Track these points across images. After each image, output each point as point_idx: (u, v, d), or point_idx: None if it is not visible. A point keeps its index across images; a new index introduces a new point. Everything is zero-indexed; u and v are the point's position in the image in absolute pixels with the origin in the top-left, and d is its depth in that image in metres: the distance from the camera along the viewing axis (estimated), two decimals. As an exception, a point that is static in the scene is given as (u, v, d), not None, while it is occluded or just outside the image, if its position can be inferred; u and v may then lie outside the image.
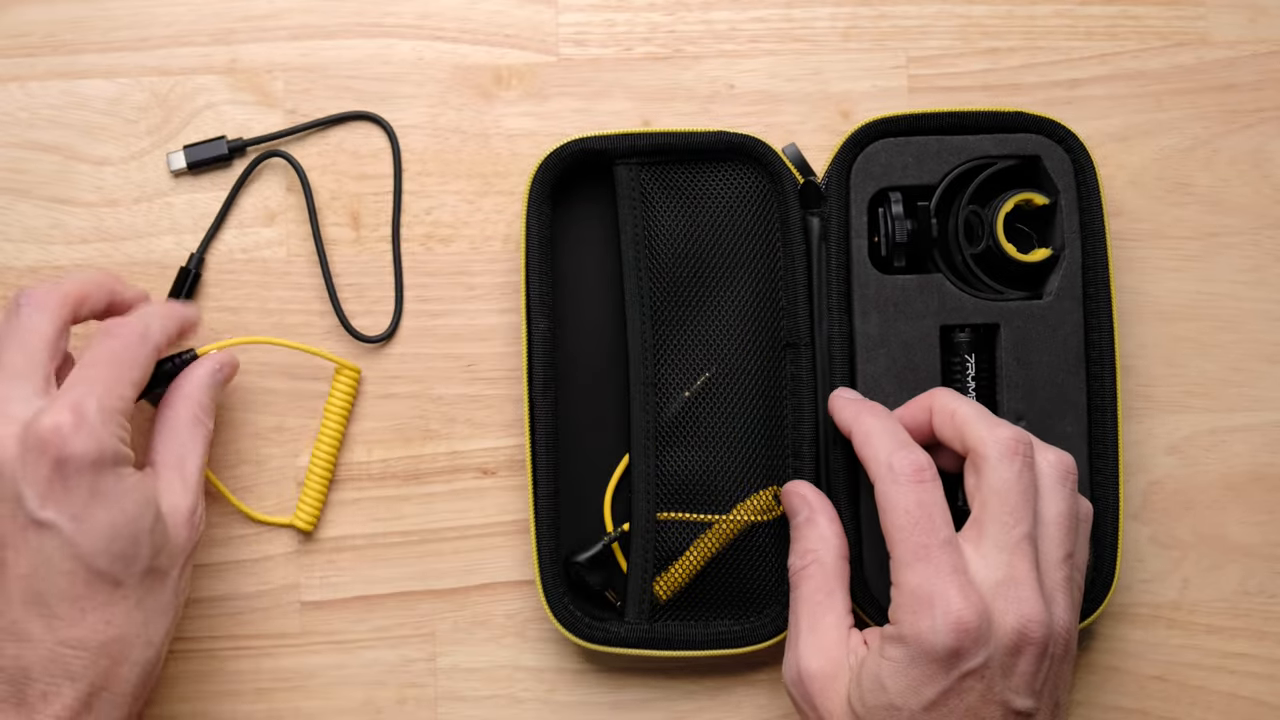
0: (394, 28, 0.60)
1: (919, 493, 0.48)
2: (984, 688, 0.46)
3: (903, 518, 0.48)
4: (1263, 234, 0.60)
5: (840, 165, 0.56)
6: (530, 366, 0.56)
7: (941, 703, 0.46)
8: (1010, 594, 0.47)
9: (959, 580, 0.46)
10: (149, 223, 0.59)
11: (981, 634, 0.46)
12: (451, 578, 0.58)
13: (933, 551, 0.47)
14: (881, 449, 0.50)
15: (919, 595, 0.47)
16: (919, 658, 0.46)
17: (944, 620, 0.46)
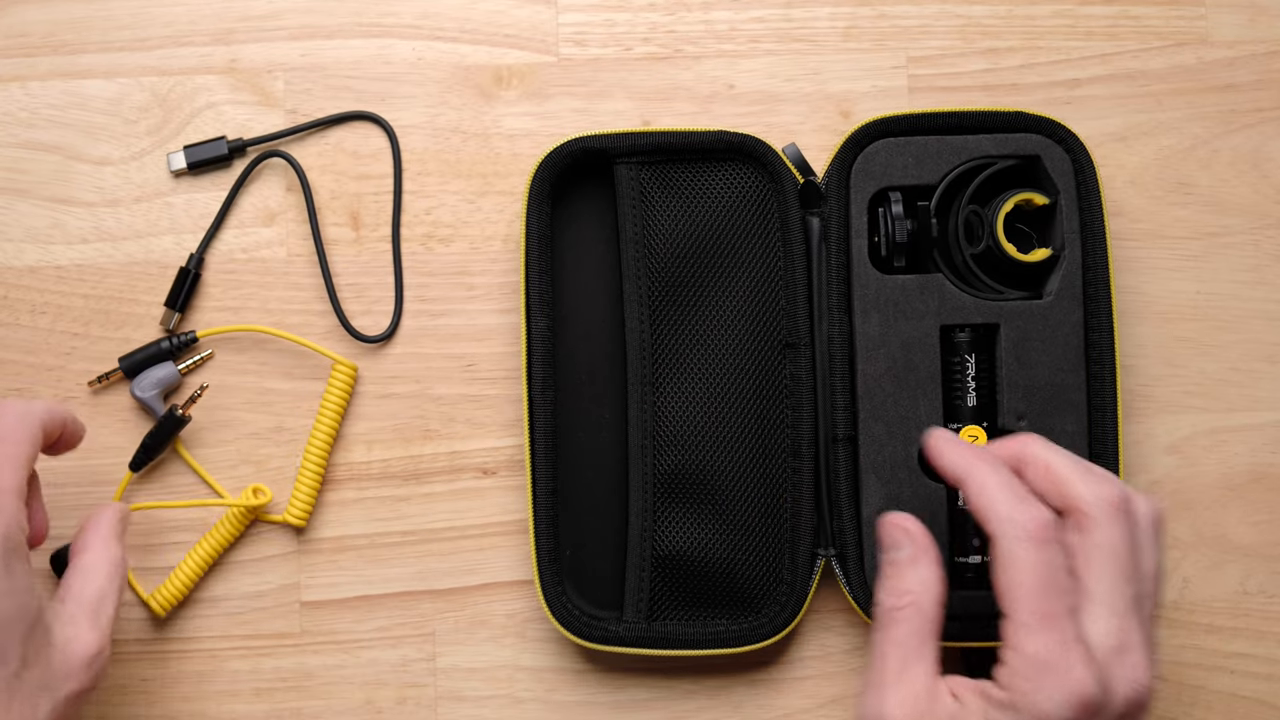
0: (394, 28, 0.60)
1: (1047, 553, 0.46)
2: None
3: (1029, 578, 0.45)
4: (1263, 234, 0.60)
5: (840, 165, 0.56)
6: (530, 366, 0.56)
7: None
8: (1125, 662, 0.45)
9: (1082, 651, 0.44)
10: (149, 223, 0.59)
11: (1100, 707, 0.44)
12: (451, 578, 0.58)
13: (1059, 620, 0.45)
14: (1002, 503, 0.47)
15: (1042, 663, 0.44)
16: None
17: (1066, 694, 0.44)
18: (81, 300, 0.58)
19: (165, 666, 0.57)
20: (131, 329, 0.58)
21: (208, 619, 0.58)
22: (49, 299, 0.58)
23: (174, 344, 0.58)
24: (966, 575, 0.55)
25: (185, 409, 0.57)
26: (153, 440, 0.57)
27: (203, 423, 0.58)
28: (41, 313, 0.58)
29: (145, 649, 0.57)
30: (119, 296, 0.59)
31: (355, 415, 0.58)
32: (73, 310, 0.58)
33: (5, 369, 0.58)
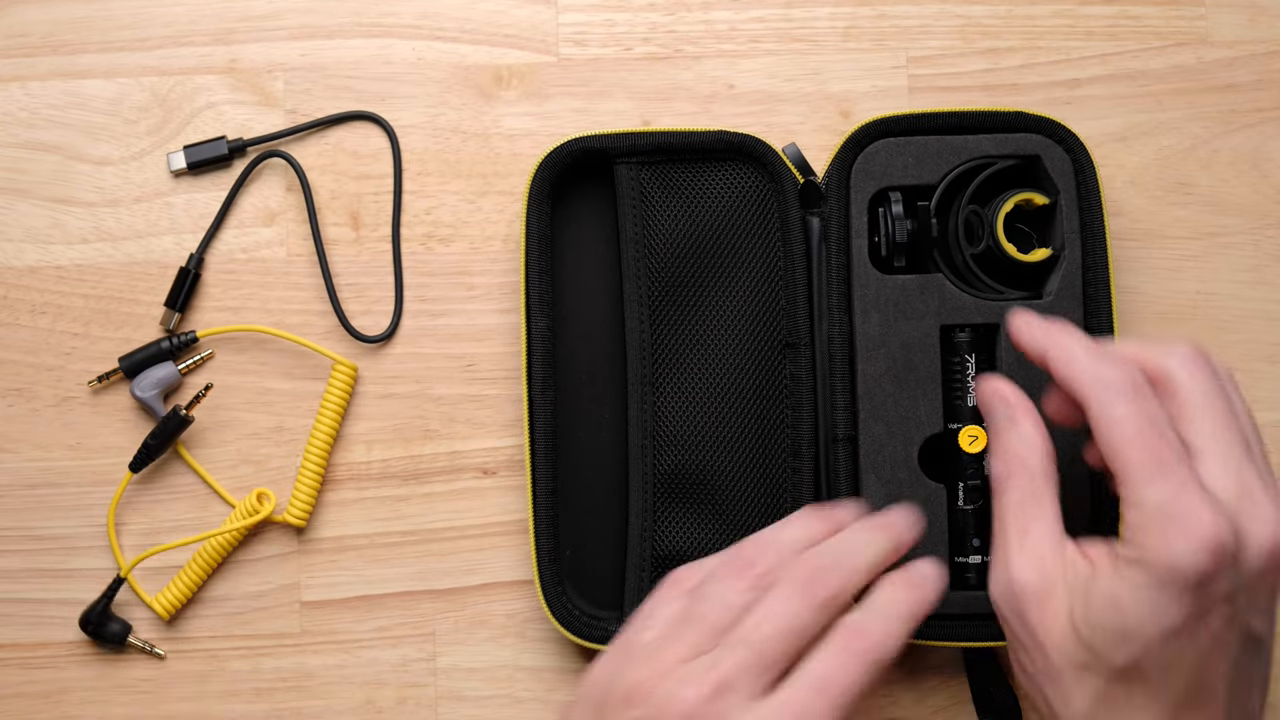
0: (394, 28, 0.60)
1: (1146, 405, 0.44)
2: (1230, 613, 0.42)
3: (1134, 429, 0.43)
4: (1263, 234, 0.60)
5: (840, 165, 0.56)
6: (530, 366, 0.56)
7: (1185, 630, 0.42)
8: (1251, 510, 0.43)
9: (1206, 497, 0.42)
10: (149, 223, 0.59)
11: (1234, 554, 0.41)
12: (451, 578, 0.58)
13: (1171, 464, 0.42)
14: (1090, 365, 0.45)
15: (1166, 513, 0.42)
16: (1167, 582, 0.42)
17: (1198, 541, 0.41)
18: (81, 300, 0.58)
19: (165, 666, 0.57)
20: (131, 329, 0.59)
21: (208, 619, 0.58)
22: (49, 299, 0.58)
23: (174, 344, 0.58)
24: (966, 575, 0.55)
25: (189, 409, 0.57)
26: (154, 440, 0.57)
27: (203, 423, 0.58)
28: (41, 313, 0.58)
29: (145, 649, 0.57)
30: (119, 296, 0.59)
31: (355, 415, 0.58)
32: (73, 310, 0.58)
33: (5, 369, 0.58)
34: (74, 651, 0.57)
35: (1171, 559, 0.41)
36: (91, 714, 0.57)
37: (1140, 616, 0.42)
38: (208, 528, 0.58)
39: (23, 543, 0.58)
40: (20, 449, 0.58)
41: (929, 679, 0.58)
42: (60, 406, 0.58)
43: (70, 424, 0.58)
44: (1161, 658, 0.42)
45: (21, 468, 0.58)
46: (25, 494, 0.58)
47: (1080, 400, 0.45)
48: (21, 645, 0.57)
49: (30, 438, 0.58)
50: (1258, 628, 0.43)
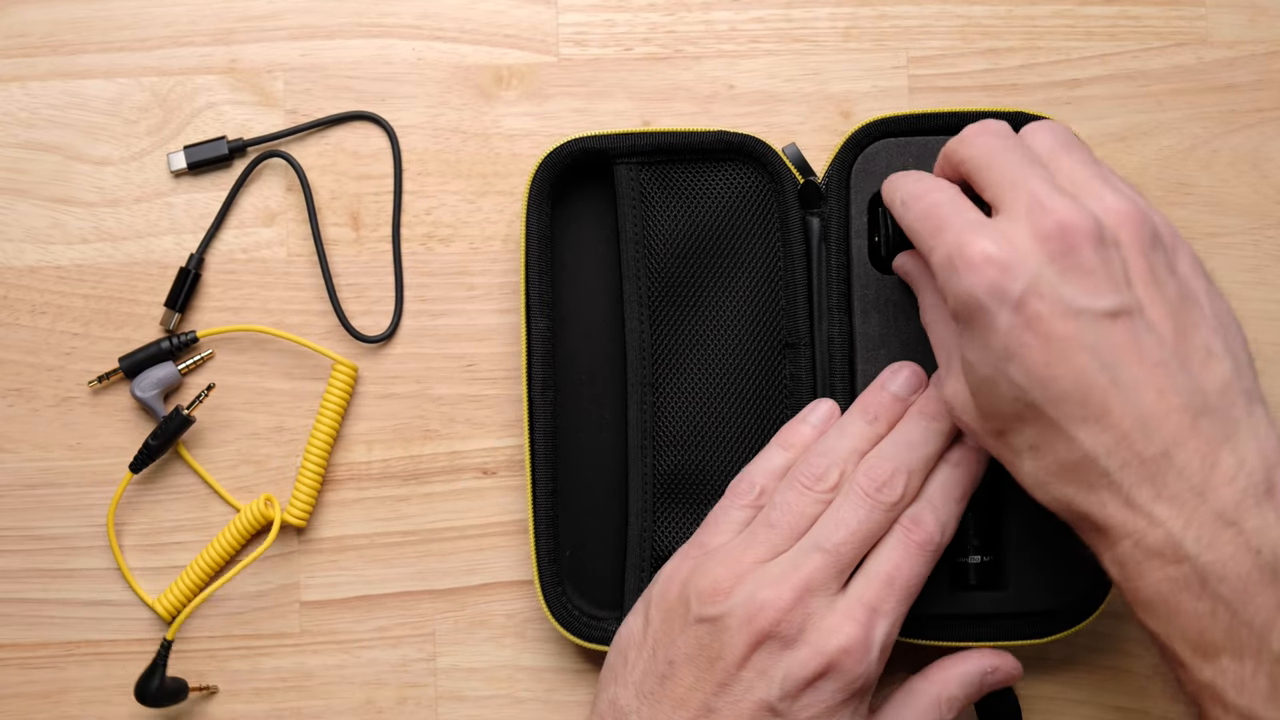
0: (394, 28, 0.60)
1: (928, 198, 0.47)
2: (1049, 305, 0.43)
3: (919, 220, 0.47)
4: (1263, 234, 0.60)
5: (840, 165, 0.56)
6: (530, 366, 0.56)
7: (1016, 345, 0.43)
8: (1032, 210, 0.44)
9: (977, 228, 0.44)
10: (149, 223, 0.59)
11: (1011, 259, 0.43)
12: (451, 578, 0.58)
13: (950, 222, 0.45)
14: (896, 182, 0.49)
15: (946, 262, 0.45)
16: (967, 317, 0.44)
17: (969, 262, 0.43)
18: (81, 300, 0.59)
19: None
20: (131, 329, 0.59)
21: (208, 619, 0.58)
22: (49, 299, 0.58)
23: (174, 344, 0.58)
24: (967, 575, 0.55)
25: (190, 409, 0.57)
26: (156, 441, 0.56)
27: (203, 423, 0.58)
28: (41, 313, 0.58)
29: (145, 649, 0.57)
30: (119, 296, 0.59)
31: (355, 415, 0.58)
32: (73, 310, 0.58)
33: (5, 369, 0.58)
34: (74, 651, 0.57)
35: (958, 295, 0.44)
36: (91, 714, 0.57)
37: (979, 359, 0.44)
38: (208, 528, 0.58)
39: (23, 543, 0.58)
40: (20, 449, 0.58)
41: (929, 679, 0.58)
42: (60, 406, 0.58)
43: (70, 424, 0.58)
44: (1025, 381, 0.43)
45: (21, 468, 0.58)
46: (25, 494, 0.58)
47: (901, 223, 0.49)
48: (21, 645, 0.57)
49: (30, 438, 0.58)
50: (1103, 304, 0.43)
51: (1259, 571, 0.41)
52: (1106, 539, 0.44)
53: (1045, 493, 0.45)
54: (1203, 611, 0.42)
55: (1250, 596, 0.41)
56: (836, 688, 0.47)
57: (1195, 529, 0.41)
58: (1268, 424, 0.43)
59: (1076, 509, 0.44)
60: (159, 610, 0.57)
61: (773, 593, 0.48)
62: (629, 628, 0.52)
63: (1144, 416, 0.42)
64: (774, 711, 0.47)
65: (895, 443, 0.51)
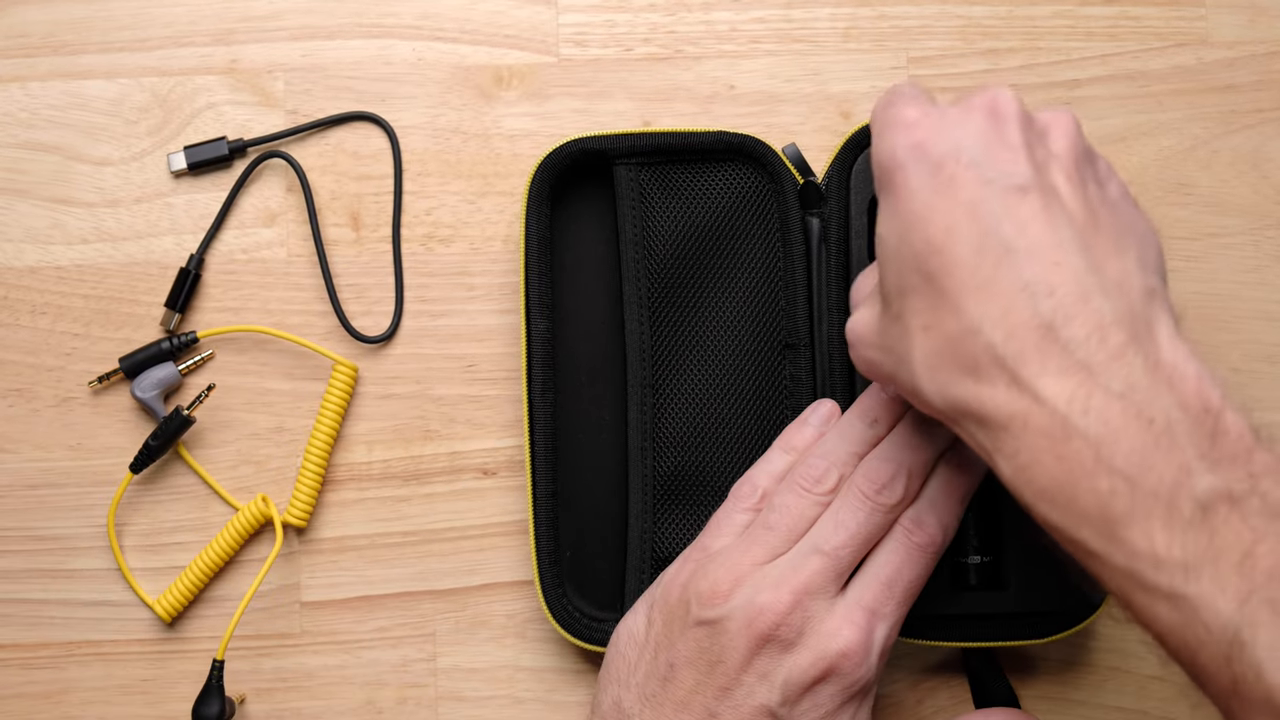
0: (394, 28, 0.60)
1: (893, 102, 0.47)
2: (963, 172, 0.43)
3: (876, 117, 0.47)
4: (1263, 234, 0.60)
5: (840, 165, 0.56)
6: (530, 367, 0.56)
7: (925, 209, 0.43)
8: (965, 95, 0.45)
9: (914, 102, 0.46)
10: (149, 223, 0.59)
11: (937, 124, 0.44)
12: (451, 578, 0.58)
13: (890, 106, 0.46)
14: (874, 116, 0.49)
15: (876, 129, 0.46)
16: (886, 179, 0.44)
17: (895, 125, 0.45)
18: (81, 300, 0.59)
19: (165, 666, 0.57)
20: (131, 329, 0.59)
21: (208, 619, 0.58)
22: (49, 299, 0.59)
23: (174, 344, 0.58)
24: (967, 575, 0.55)
25: (191, 409, 0.57)
26: (156, 441, 0.57)
27: (203, 423, 0.58)
28: (41, 313, 0.58)
29: (145, 649, 0.57)
30: (119, 297, 0.59)
31: (355, 415, 0.58)
32: (73, 310, 0.58)
33: (5, 369, 0.58)
34: (74, 651, 0.57)
35: (879, 156, 0.45)
36: (92, 714, 0.57)
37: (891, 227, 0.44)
38: (208, 528, 0.58)
39: (23, 543, 0.58)
40: (20, 449, 0.58)
41: (929, 679, 0.58)
42: (60, 407, 0.58)
43: (70, 424, 0.58)
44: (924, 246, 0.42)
45: (22, 468, 0.58)
46: (25, 494, 0.58)
47: None
48: (21, 645, 0.57)
49: (30, 438, 0.58)
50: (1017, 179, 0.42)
51: (1154, 439, 0.39)
52: (996, 434, 0.41)
53: (936, 388, 0.43)
54: (1101, 489, 0.39)
55: (1150, 466, 0.38)
56: (836, 690, 0.47)
57: (1082, 402, 0.39)
58: (1166, 314, 0.42)
59: (965, 406, 0.42)
60: (159, 611, 0.57)
61: (771, 596, 0.47)
62: (629, 627, 0.52)
63: (1032, 285, 0.41)
64: (774, 716, 0.47)
65: (895, 444, 0.50)
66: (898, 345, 0.44)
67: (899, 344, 0.44)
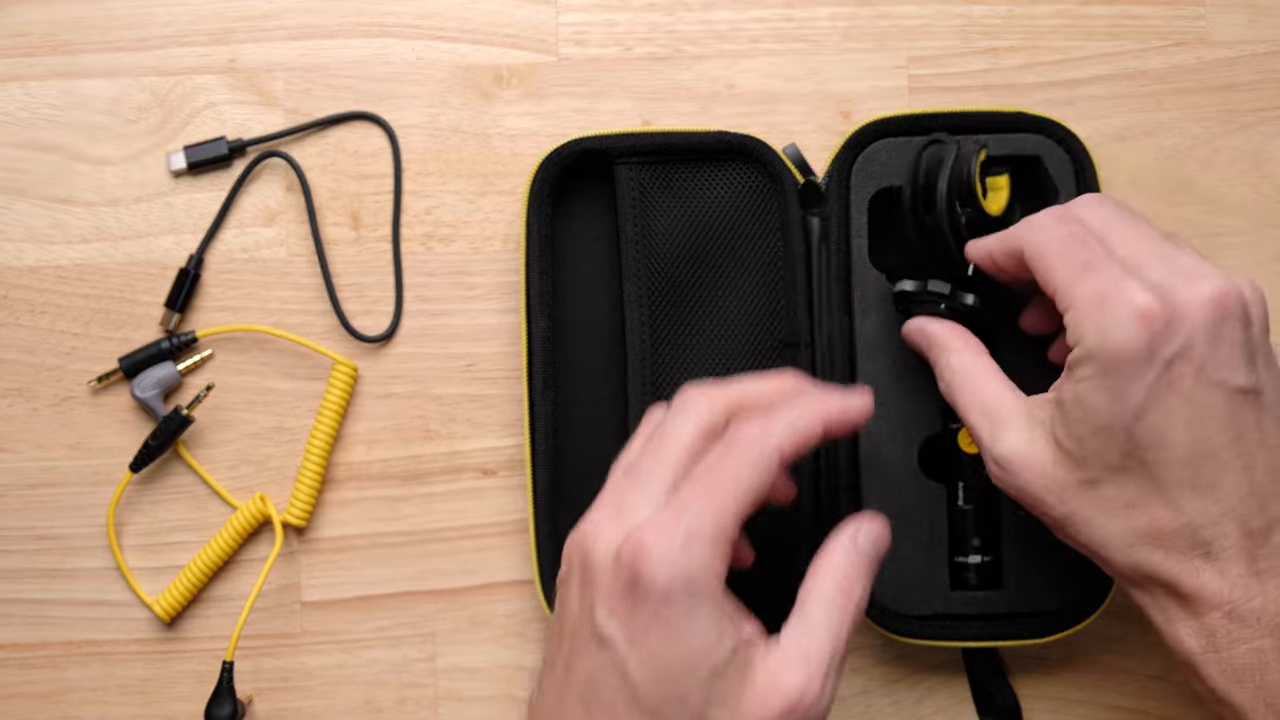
0: (394, 28, 0.60)
1: (1066, 225, 0.47)
2: (1194, 371, 0.43)
3: (1057, 246, 0.46)
4: (1263, 234, 0.60)
5: (840, 165, 0.56)
6: (530, 366, 0.56)
7: (1154, 402, 0.43)
8: (1184, 274, 0.44)
9: (1132, 279, 0.44)
10: (149, 223, 0.59)
11: (1171, 316, 0.43)
12: (451, 578, 0.58)
13: (1097, 264, 0.45)
14: (1019, 228, 0.49)
15: (1095, 303, 0.44)
16: (1114, 363, 0.43)
17: (1125, 314, 0.43)
18: (81, 300, 0.58)
19: (164, 666, 0.57)
20: (131, 329, 0.59)
21: (208, 619, 0.58)
22: (49, 299, 0.58)
23: (174, 344, 0.58)
24: (966, 575, 0.55)
25: (190, 409, 0.57)
26: (155, 441, 0.57)
27: (203, 423, 0.58)
28: (41, 313, 0.58)
29: (144, 649, 0.57)
30: (119, 296, 0.59)
31: (355, 415, 0.58)
32: (73, 310, 0.58)
33: (5, 369, 0.58)
34: (74, 651, 0.57)
35: (1108, 339, 0.43)
36: (91, 714, 0.57)
37: (1107, 405, 0.43)
38: (208, 528, 0.58)
39: (23, 543, 0.58)
40: (20, 449, 0.58)
41: (929, 679, 0.58)
42: (60, 406, 0.58)
43: (70, 424, 0.58)
44: (1148, 438, 0.43)
45: (21, 468, 0.58)
46: (25, 494, 0.58)
47: (1021, 255, 0.48)
48: (21, 645, 0.57)
49: (30, 438, 0.58)
50: (1239, 380, 0.43)
51: None
52: (1192, 608, 0.44)
53: (1125, 555, 0.45)
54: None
55: None
56: None
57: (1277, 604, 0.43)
58: None
59: (1161, 575, 0.44)
60: (158, 611, 0.57)
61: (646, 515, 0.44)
62: None
63: (1256, 492, 0.43)
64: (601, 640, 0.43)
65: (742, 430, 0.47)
66: (1085, 507, 0.45)
67: (1087, 506, 0.45)
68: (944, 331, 0.51)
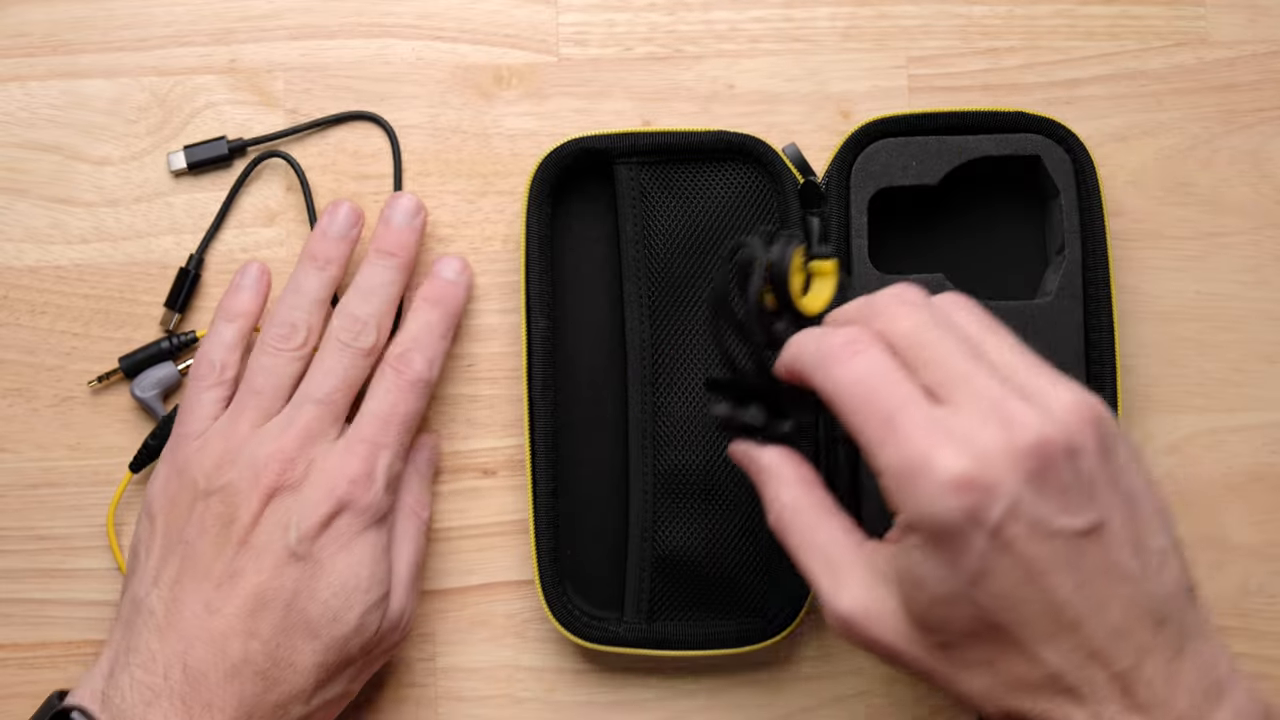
0: (394, 28, 0.60)
1: (857, 364, 0.42)
2: (1026, 529, 0.39)
3: (850, 397, 0.41)
4: (1263, 234, 0.60)
5: (840, 165, 0.56)
6: (530, 366, 0.56)
7: (990, 568, 0.39)
8: (1001, 419, 0.40)
9: (939, 437, 0.39)
10: (149, 223, 0.59)
11: (989, 481, 0.39)
12: (451, 578, 0.58)
13: (898, 416, 0.40)
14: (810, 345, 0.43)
15: (904, 471, 0.40)
16: (938, 537, 0.40)
17: (939, 486, 0.39)
18: (82, 300, 0.58)
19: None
20: (131, 329, 0.59)
21: (208, 619, 0.58)
22: (49, 299, 0.58)
23: (174, 344, 0.58)
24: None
25: None
26: (155, 440, 0.57)
27: (203, 423, 0.58)
28: (41, 313, 0.58)
29: (145, 649, 0.57)
30: (119, 296, 0.59)
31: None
32: (73, 310, 0.58)
33: (5, 369, 0.58)
34: (74, 652, 0.57)
35: (924, 514, 0.40)
36: (91, 714, 0.57)
37: (943, 578, 0.40)
38: (208, 528, 0.58)
39: (23, 543, 0.58)
40: (20, 449, 0.58)
41: (929, 679, 0.58)
42: (60, 406, 0.58)
43: (70, 424, 0.58)
44: (993, 604, 0.40)
45: (22, 468, 0.58)
46: (25, 494, 0.58)
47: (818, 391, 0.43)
48: (21, 645, 0.57)
49: (30, 438, 0.58)
50: (1077, 524, 0.40)
51: None
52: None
53: (995, 705, 0.42)
54: None
55: None
56: (351, 519, 0.51)
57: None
58: (1206, 620, 0.42)
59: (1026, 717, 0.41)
60: None
61: (274, 447, 0.51)
62: (135, 538, 0.53)
63: (1115, 632, 0.40)
64: (296, 555, 0.50)
65: (360, 289, 0.54)
66: (944, 666, 0.42)
67: (946, 665, 0.42)
68: (773, 460, 0.47)
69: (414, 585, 0.54)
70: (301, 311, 0.54)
